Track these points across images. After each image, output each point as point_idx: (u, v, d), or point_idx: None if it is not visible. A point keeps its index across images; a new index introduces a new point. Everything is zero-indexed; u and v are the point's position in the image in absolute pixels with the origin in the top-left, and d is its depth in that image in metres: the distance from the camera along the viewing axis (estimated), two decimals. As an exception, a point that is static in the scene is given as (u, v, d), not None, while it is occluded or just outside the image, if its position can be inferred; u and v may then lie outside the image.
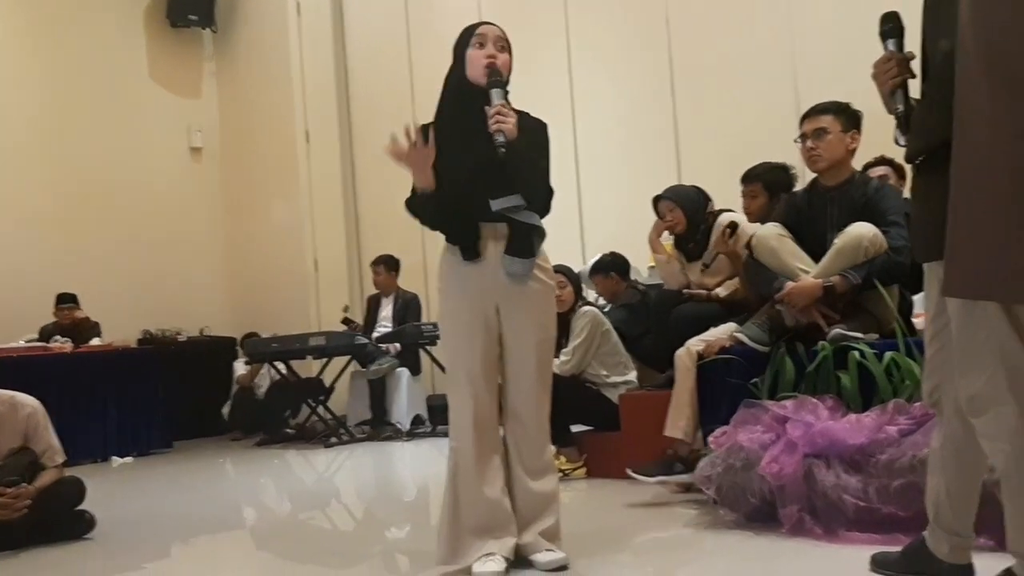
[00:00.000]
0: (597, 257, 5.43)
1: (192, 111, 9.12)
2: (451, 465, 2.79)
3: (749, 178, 4.16)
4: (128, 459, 6.81)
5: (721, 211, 4.33)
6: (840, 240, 3.33)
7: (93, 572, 3.48)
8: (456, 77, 2.83)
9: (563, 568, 2.72)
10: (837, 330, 3.29)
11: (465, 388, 2.76)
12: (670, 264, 4.43)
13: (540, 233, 2.79)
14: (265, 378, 7.93)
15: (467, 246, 2.76)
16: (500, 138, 2.62)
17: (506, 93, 2.73)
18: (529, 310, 2.78)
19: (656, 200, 4.44)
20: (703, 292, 4.17)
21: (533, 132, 2.81)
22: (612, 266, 5.22)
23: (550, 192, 2.82)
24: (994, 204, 1.43)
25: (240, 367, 8.09)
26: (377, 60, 8.61)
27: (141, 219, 8.47)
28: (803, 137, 3.46)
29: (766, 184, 4.09)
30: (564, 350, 4.57)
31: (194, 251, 8.86)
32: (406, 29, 8.31)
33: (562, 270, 4.65)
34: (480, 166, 2.70)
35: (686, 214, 4.31)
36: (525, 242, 2.75)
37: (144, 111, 8.71)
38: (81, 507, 3.87)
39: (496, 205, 2.72)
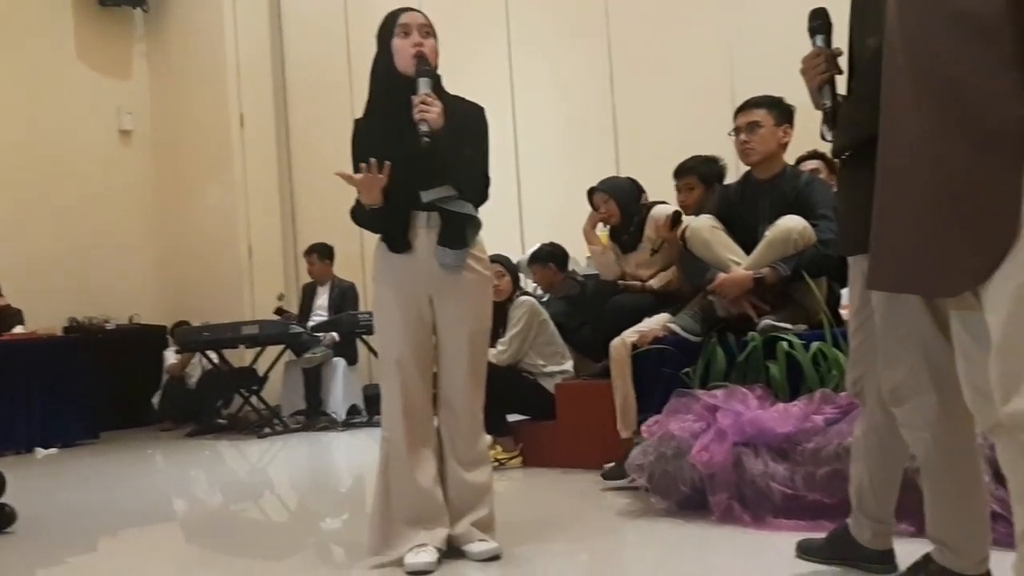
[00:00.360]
0: (536, 247, 5.44)
1: (122, 93, 8.87)
2: (383, 455, 2.78)
3: (683, 171, 4.20)
4: (53, 450, 6.62)
5: (654, 203, 4.37)
6: (771, 233, 3.39)
7: (14, 567, 3.36)
8: (383, 67, 2.79)
9: (496, 558, 2.72)
10: (767, 321, 3.35)
11: (395, 377, 2.75)
12: (605, 255, 4.46)
13: (475, 223, 2.77)
14: (196, 367, 7.78)
15: (396, 237, 2.74)
16: (424, 127, 2.59)
17: (435, 81, 2.70)
18: (463, 300, 2.77)
19: (591, 192, 4.47)
20: (637, 283, 4.21)
21: (469, 117, 2.78)
22: (550, 257, 5.23)
23: (486, 180, 2.79)
24: (918, 201, 1.46)
25: (171, 356, 7.92)
26: (315, 44, 8.48)
27: (67, 203, 8.22)
28: (737, 130, 3.50)
29: (701, 176, 4.13)
30: (501, 340, 4.57)
31: (123, 237, 8.63)
32: (344, 12, 8.19)
33: (499, 260, 4.65)
34: (410, 157, 2.67)
35: (620, 206, 4.35)
36: (458, 232, 2.73)
37: (72, 92, 8.44)
38: (1, 500, 3.75)
39: (426, 196, 2.70)
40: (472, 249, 2.77)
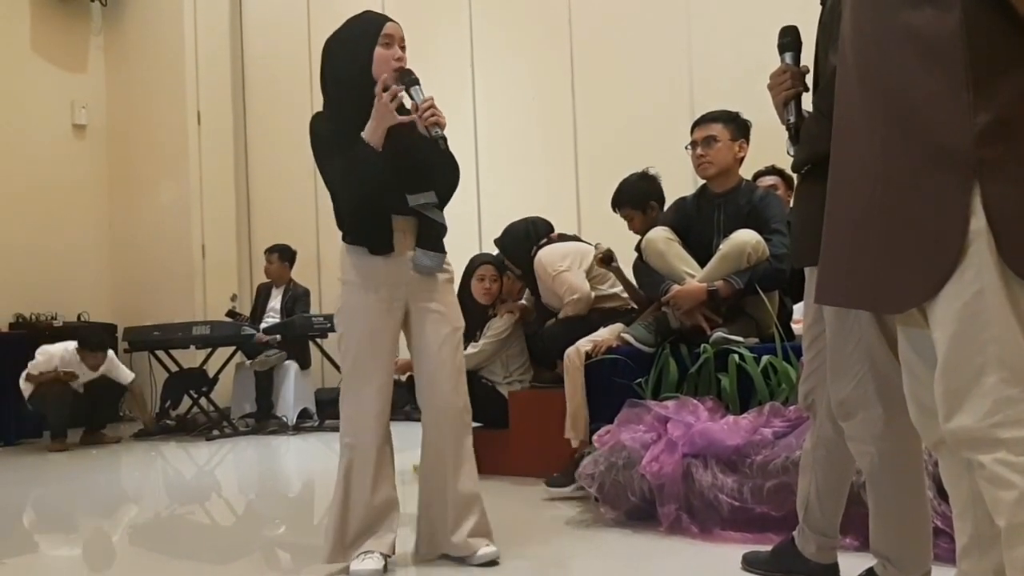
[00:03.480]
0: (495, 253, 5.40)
1: (77, 86, 8.69)
2: (345, 462, 2.73)
3: (617, 205, 4.20)
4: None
5: (545, 243, 4.36)
6: (725, 246, 3.42)
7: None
8: (358, 70, 2.74)
9: (494, 563, 2.73)
10: (719, 333, 3.37)
11: (373, 383, 2.72)
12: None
13: (444, 230, 2.83)
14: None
15: (380, 241, 2.73)
16: (437, 131, 2.62)
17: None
18: (441, 302, 2.81)
19: None
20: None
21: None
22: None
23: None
24: (866, 216, 1.47)
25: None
26: (275, 43, 8.39)
27: (18, 196, 8.01)
28: (693, 144, 3.53)
29: (633, 204, 4.14)
30: (474, 343, 4.49)
31: (75, 232, 8.43)
32: (306, 12, 8.12)
33: (492, 261, 4.62)
34: (395, 161, 2.68)
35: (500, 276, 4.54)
36: (436, 236, 2.79)
37: (26, 85, 8.23)
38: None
39: (413, 200, 2.73)
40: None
